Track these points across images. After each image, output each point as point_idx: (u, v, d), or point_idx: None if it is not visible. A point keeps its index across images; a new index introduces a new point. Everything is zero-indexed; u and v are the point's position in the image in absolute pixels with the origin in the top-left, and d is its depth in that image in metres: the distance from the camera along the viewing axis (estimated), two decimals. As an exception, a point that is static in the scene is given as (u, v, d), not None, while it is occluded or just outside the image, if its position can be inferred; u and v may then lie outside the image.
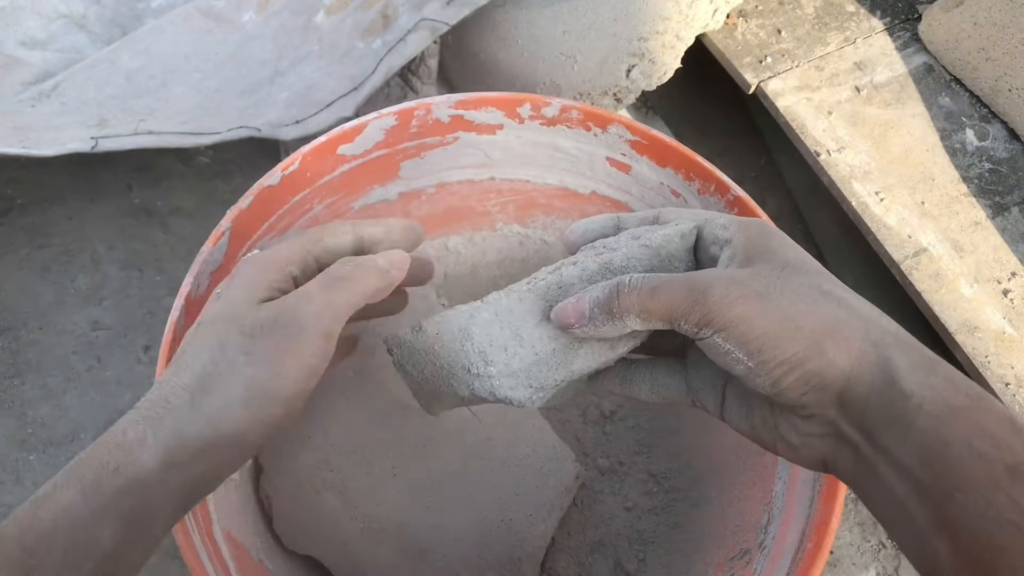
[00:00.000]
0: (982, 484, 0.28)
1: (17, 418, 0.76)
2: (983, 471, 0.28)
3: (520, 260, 0.72)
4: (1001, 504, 0.27)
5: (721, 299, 0.32)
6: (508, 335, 0.37)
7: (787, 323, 0.31)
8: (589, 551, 0.62)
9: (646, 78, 0.81)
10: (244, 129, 0.71)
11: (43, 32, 0.84)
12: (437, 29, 0.72)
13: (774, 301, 0.32)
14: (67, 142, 0.69)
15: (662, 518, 0.63)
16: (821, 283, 0.33)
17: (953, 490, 0.28)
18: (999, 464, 0.28)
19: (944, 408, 0.29)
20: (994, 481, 0.28)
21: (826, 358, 0.31)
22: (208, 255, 0.52)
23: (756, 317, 0.32)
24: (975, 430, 0.29)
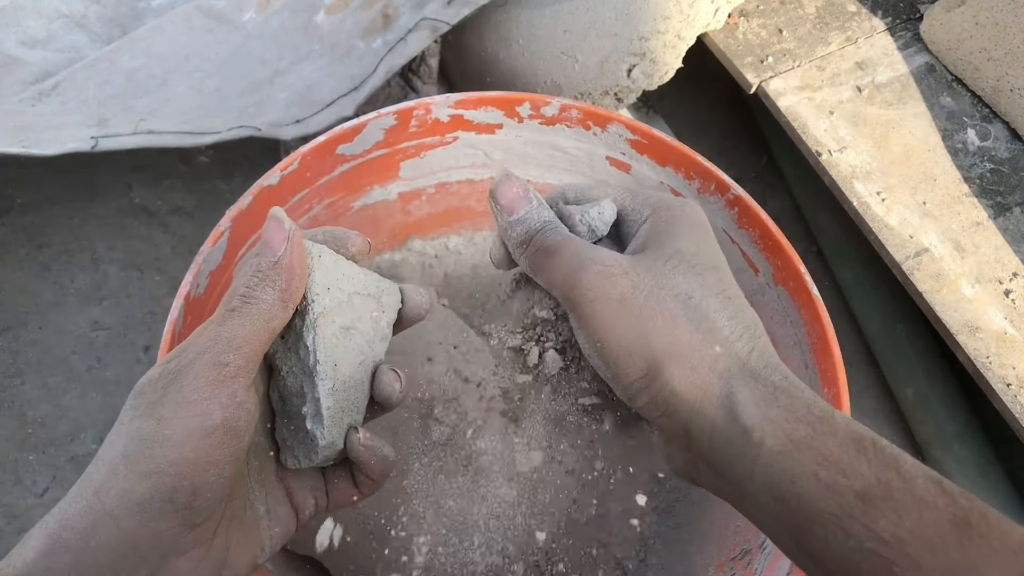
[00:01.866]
0: (836, 516, 0.27)
1: (17, 418, 0.76)
2: (835, 503, 0.27)
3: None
4: (858, 534, 0.27)
5: (588, 289, 0.32)
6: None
7: (640, 338, 0.31)
8: (589, 551, 0.62)
9: (647, 78, 0.81)
10: (244, 128, 0.71)
11: (43, 31, 0.84)
12: (438, 28, 0.72)
13: (636, 309, 0.31)
14: (67, 141, 0.69)
15: (663, 518, 0.63)
16: (694, 291, 0.32)
17: (809, 523, 0.28)
18: (848, 493, 0.27)
19: (786, 441, 0.29)
20: (847, 512, 0.27)
21: (671, 386, 0.30)
22: (208, 255, 0.52)
23: (613, 323, 0.31)
24: (819, 460, 0.28)
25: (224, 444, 0.31)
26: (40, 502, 0.72)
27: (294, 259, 0.34)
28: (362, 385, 0.38)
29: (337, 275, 0.37)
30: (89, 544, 0.30)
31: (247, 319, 0.33)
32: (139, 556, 0.31)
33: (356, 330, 0.38)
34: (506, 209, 0.36)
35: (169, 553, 0.31)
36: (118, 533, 0.30)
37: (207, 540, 0.33)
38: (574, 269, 0.32)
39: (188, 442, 0.31)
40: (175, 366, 0.32)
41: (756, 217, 0.56)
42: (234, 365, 0.32)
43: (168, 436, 0.30)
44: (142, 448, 0.30)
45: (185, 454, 0.30)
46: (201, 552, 0.32)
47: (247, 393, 0.33)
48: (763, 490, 0.29)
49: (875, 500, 0.27)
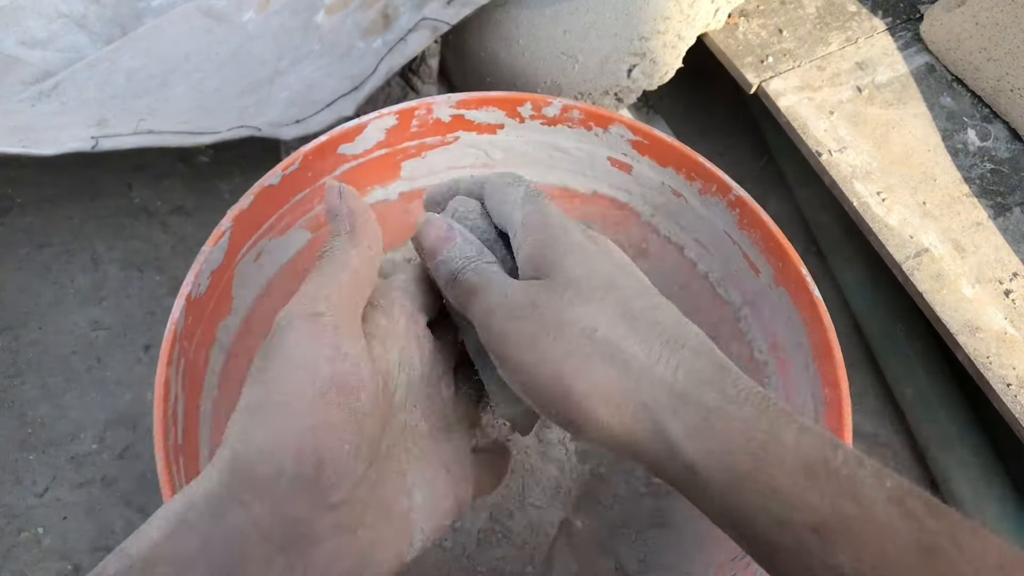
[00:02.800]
0: (794, 552, 0.26)
1: (17, 418, 0.76)
2: (790, 538, 0.26)
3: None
4: (819, 569, 0.25)
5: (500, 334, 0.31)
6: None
7: (559, 383, 0.29)
8: (589, 552, 0.62)
9: (647, 78, 0.81)
10: (244, 128, 0.71)
11: (43, 31, 0.83)
12: (438, 28, 0.72)
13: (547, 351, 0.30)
14: (67, 141, 0.69)
15: (663, 519, 0.63)
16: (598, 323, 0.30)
17: (772, 552, 0.27)
18: (802, 528, 0.26)
19: (731, 476, 0.27)
20: (804, 548, 0.26)
21: (601, 427, 0.29)
22: (209, 255, 0.52)
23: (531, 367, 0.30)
24: (767, 493, 0.26)
25: (340, 404, 0.29)
26: (40, 502, 0.72)
27: (352, 206, 0.34)
28: None
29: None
30: (217, 528, 0.27)
31: (325, 268, 0.32)
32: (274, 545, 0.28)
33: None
34: (429, 252, 0.36)
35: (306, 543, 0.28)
36: (248, 519, 0.27)
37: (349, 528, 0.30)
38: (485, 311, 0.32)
39: (301, 404, 0.28)
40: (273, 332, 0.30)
41: (757, 218, 0.56)
42: (328, 315, 0.30)
43: (279, 402, 0.28)
44: (256, 421, 0.28)
45: (302, 419, 0.28)
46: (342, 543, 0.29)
47: (354, 345, 0.30)
48: (722, 521, 0.28)
49: (832, 534, 0.25)
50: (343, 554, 0.29)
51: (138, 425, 0.75)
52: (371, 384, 0.30)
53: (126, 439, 0.75)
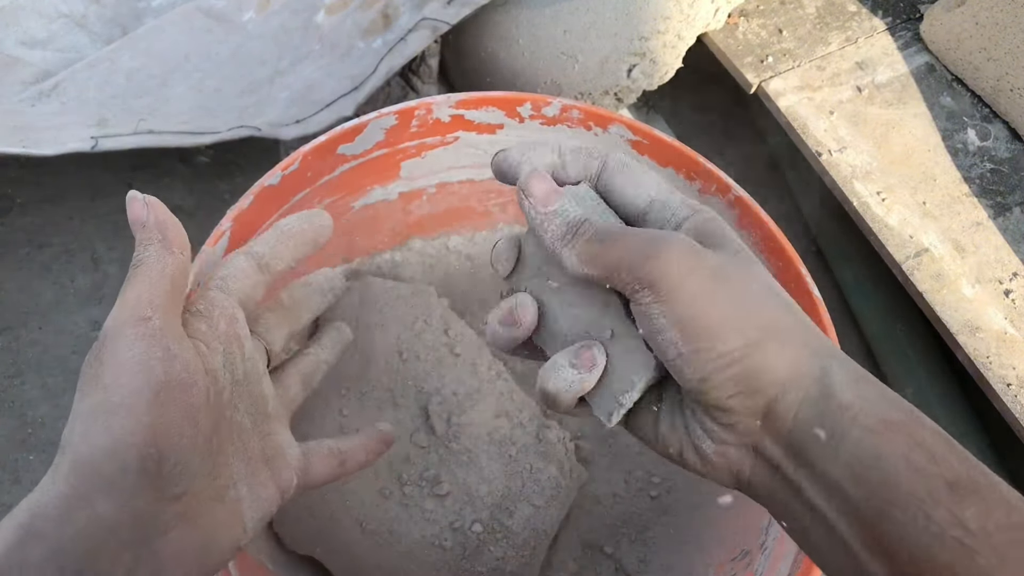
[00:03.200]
0: (921, 500, 0.26)
1: (17, 418, 0.76)
2: (922, 486, 0.27)
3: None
4: (942, 520, 0.26)
5: (676, 263, 0.30)
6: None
7: (736, 313, 0.30)
8: (589, 552, 0.62)
9: (647, 78, 0.81)
10: (244, 128, 0.71)
11: (43, 31, 0.84)
12: (438, 28, 0.72)
13: (729, 285, 0.30)
14: (67, 141, 0.69)
15: (663, 519, 0.63)
16: (771, 282, 0.32)
17: (889, 506, 0.27)
18: (938, 479, 0.27)
19: (879, 421, 0.28)
20: (933, 496, 0.26)
21: (767, 360, 0.29)
22: (209, 255, 0.52)
23: (706, 298, 0.29)
24: (912, 444, 0.28)
25: (175, 401, 0.31)
26: (40, 502, 0.72)
27: (160, 216, 0.36)
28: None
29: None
30: (64, 532, 0.29)
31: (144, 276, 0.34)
32: (119, 541, 0.30)
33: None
34: (540, 200, 0.34)
35: (152, 535, 0.30)
36: (94, 517, 0.29)
37: (190, 518, 0.32)
38: (654, 246, 0.30)
39: (139, 404, 0.30)
40: (102, 338, 0.32)
41: (757, 218, 0.56)
42: (156, 319, 0.32)
43: (118, 403, 0.30)
44: (99, 423, 0.30)
45: (140, 418, 0.30)
46: (184, 532, 0.32)
47: (183, 347, 0.33)
48: (843, 470, 0.28)
49: (964, 491, 0.26)
50: (187, 543, 0.32)
51: (138, 425, 0.75)
52: (202, 382, 0.33)
53: (126, 439, 0.75)
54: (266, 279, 0.41)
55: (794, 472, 0.30)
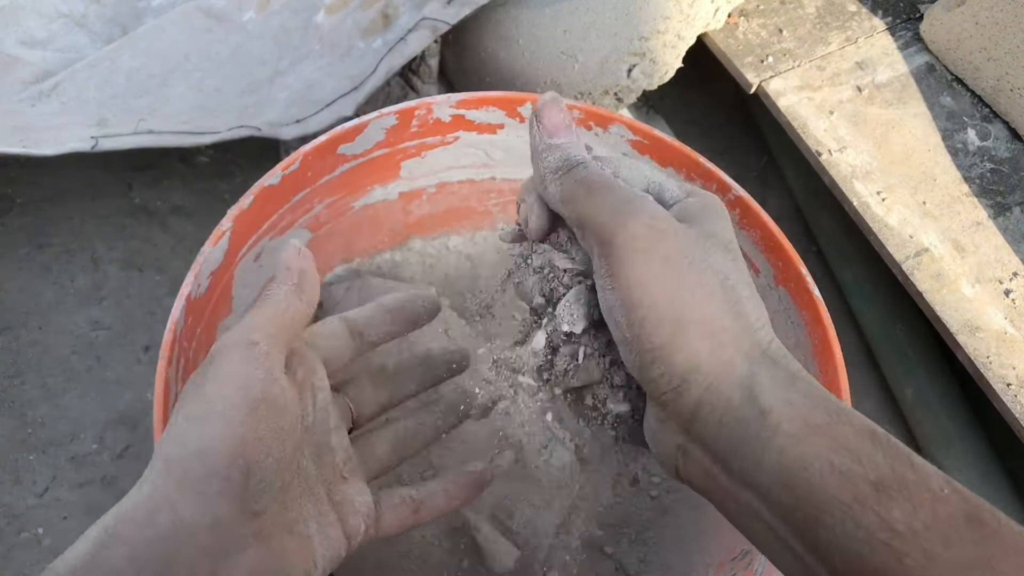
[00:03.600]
0: (847, 504, 0.26)
1: (17, 418, 0.76)
2: (847, 490, 0.26)
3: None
4: (870, 524, 0.26)
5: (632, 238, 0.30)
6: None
7: (676, 304, 0.29)
8: (589, 552, 0.62)
9: (647, 77, 0.81)
10: (244, 128, 0.71)
11: (43, 31, 0.83)
12: (438, 28, 0.72)
13: (678, 274, 0.30)
14: (67, 141, 0.69)
15: (663, 519, 0.63)
16: (729, 273, 0.31)
17: (819, 512, 0.27)
18: (862, 481, 0.26)
19: (802, 426, 0.28)
20: (859, 500, 0.26)
21: (694, 359, 0.29)
22: (209, 255, 0.52)
23: (651, 284, 0.30)
24: (835, 447, 0.27)
25: (268, 419, 0.32)
26: (40, 502, 0.72)
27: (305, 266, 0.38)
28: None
29: None
30: (145, 535, 0.29)
31: (267, 308, 0.36)
32: (199, 548, 0.30)
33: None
34: (547, 130, 0.34)
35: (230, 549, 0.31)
36: (177, 521, 0.29)
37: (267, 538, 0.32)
38: (620, 212, 0.30)
39: (235, 416, 0.31)
40: (211, 356, 0.33)
41: (757, 218, 0.56)
42: (263, 344, 0.34)
43: (217, 412, 0.31)
44: (194, 429, 0.31)
45: (235, 428, 0.31)
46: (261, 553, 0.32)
47: (281, 374, 0.34)
48: (771, 477, 0.28)
49: (889, 491, 0.26)
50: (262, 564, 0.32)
51: (138, 425, 0.75)
52: (293, 409, 0.34)
53: (126, 439, 0.75)
54: (357, 344, 0.43)
55: (726, 480, 0.30)
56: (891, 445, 0.28)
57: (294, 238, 0.40)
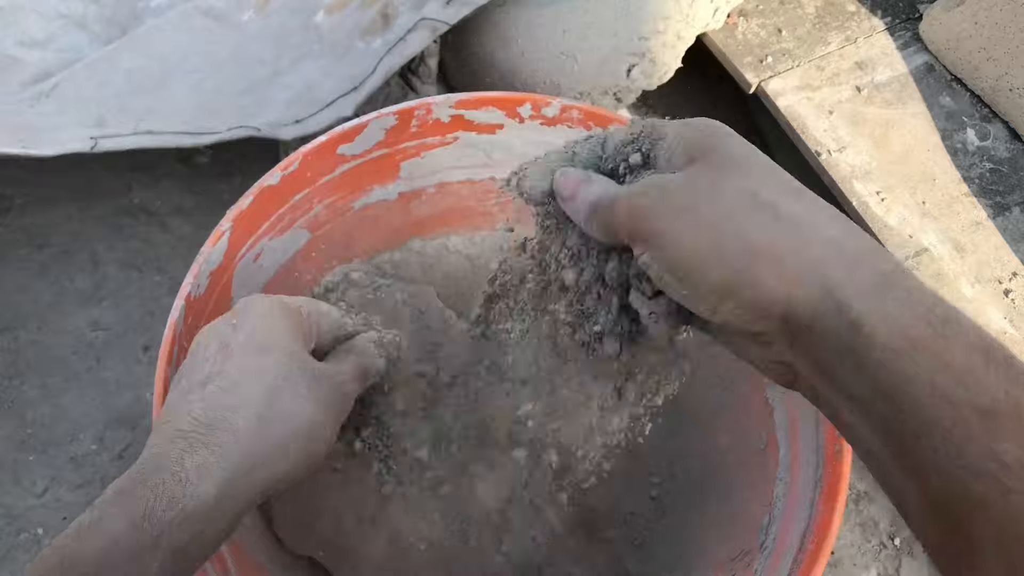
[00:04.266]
0: (949, 430, 0.24)
1: (16, 418, 0.76)
2: (949, 415, 0.24)
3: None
4: (973, 453, 0.23)
5: (649, 210, 0.30)
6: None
7: (714, 244, 0.28)
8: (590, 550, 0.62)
9: (647, 78, 0.81)
10: (243, 129, 0.71)
11: (42, 32, 0.83)
12: (437, 29, 0.72)
13: (702, 215, 0.28)
14: (66, 142, 0.68)
15: (663, 519, 0.63)
16: (760, 189, 0.29)
17: (918, 432, 0.25)
18: (967, 407, 0.24)
19: (901, 340, 0.25)
20: (963, 427, 0.24)
21: (758, 285, 0.27)
22: (209, 255, 0.52)
23: (681, 234, 0.28)
24: (938, 366, 0.24)
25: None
26: (39, 502, 0.72)
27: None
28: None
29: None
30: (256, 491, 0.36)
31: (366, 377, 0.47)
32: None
33: None
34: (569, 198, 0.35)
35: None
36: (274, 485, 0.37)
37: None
38: (628, 204, 0.31)
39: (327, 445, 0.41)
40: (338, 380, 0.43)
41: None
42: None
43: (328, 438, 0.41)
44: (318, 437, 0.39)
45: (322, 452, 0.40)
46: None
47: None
48: (870, 391, 0.26)
49: (1000, 418, 0.23)
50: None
51: (137, 425, 0.75)
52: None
53: (125, 439, 0.75)
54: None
55: (827, 390, 0.28)
56: (1011, 365, 0.25)
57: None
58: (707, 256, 0.28)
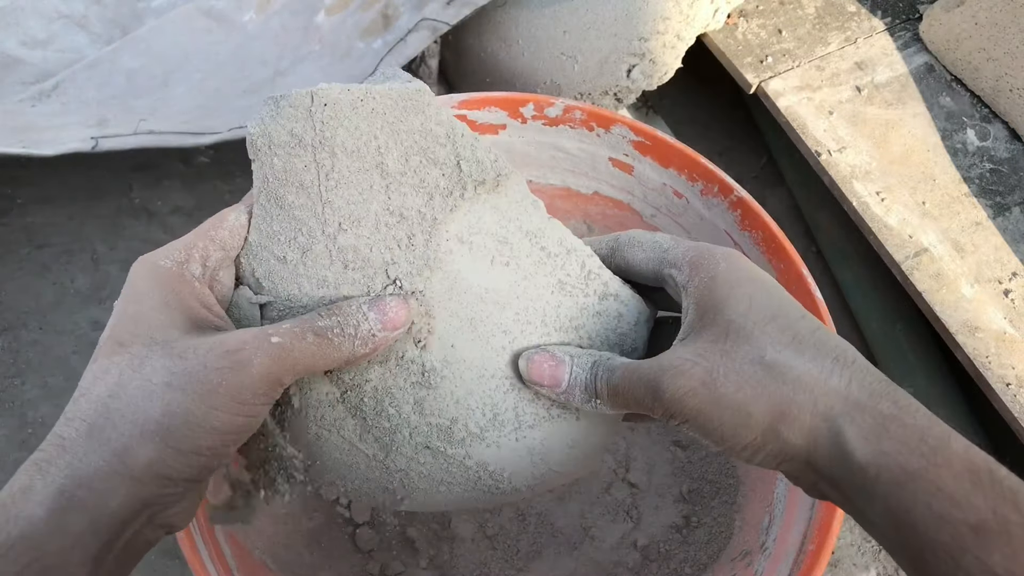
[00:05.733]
0: (947, 547, 0.28)
1: (17, 418, 0.75)
2: (947, 533, 0.28)
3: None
4: (970, 566, 0.27)
5: (672, 394, 0.33)
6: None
7: (738, 413, 0.32)
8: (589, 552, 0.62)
9: (647, 78, 0.81)
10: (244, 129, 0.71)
11: (44, 32, 0.83)
12: (438, 29, 0.72)
13: (720, 389, 0.32)
14: (67, 142, 0.69)
15: (663, 520, 0.63)
16: (766, 350, 0.33)
17: (923, 551, 0.29)
18: (962, 525, 0.28)
19: (900, 473, 0.29)
20: (959, 543, 0.28)
21: (782, 440, 0.31)
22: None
23: (708, 410, 0.32)
24: (932, 491, 0.28)
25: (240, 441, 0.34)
26: (41, 502, 0.72)
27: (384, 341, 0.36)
28: None
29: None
30: (108, 505, 0.30)
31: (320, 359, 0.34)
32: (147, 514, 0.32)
33: None
34: (553, 385, 0.37)
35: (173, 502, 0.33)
36: (137, 496, 0.31)
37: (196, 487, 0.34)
38: (651, 387, 0.33)
39: (230, 435, 0.33)
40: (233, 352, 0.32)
41: (759, 219, 0.56)
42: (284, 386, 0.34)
43: (216, 427, 0.32)
44: (187, 430, 0.31)
45: (225, 444, 0.33)
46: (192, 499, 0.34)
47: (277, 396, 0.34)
48: (881, 519, 0.30)
49: (990, 534, 0.27)
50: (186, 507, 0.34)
51: (139, 425, 0.75)
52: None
53: (127, 439, 0.75)
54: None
55: (852, 514, 0.32)
56: (995, 483, 0.28)
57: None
58: (734, 424, 0.32)
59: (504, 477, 0.39)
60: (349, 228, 0.36)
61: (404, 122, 0.36)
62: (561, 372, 0.36)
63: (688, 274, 0.36)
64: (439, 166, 0.36)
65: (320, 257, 0.36)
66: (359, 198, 0.36)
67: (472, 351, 0.37)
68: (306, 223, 0.36)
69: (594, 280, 0.39)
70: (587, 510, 0.63)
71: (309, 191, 0.36)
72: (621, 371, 0.35)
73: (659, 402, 0.33)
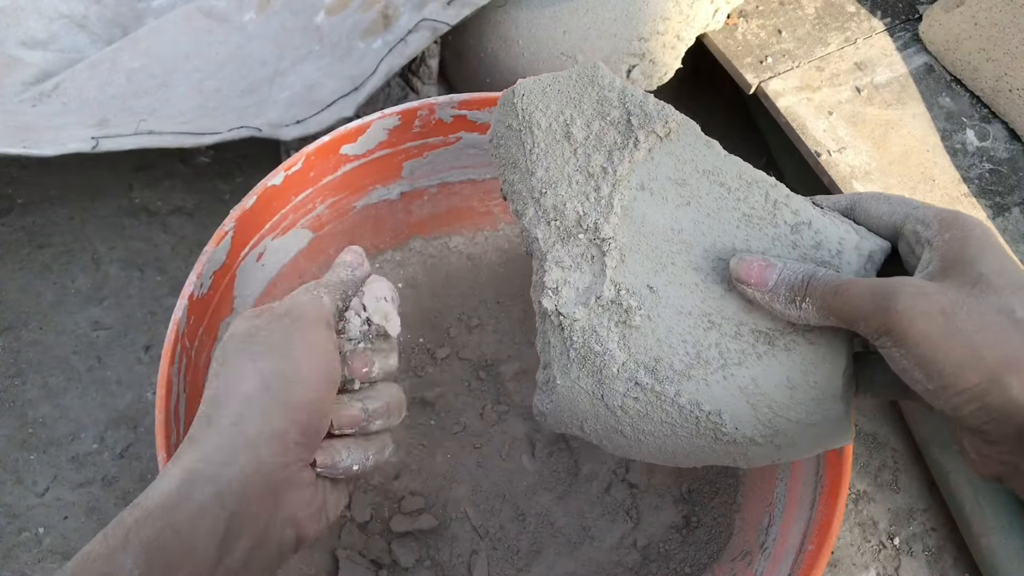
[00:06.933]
0: None
1: (17, 418, 0.76)
2: None
3: (522, 259, 0.73)
4: None
5: (905, 310, 0.32)
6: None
7: (970, 351, 0.31)
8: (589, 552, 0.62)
9: (646, 78, 0.81)
10: (245, 129, 0.71)
11: (44, 32, 0.84)
12: (438, 29, 0.73)
13: (960, 324, 0.31)
14: (68, 142, 0.69)
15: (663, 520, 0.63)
16: (1015, 306, 0.32)
17: None
18: None
19: None
20: None
21: (1008, 394, 0.30)
22: (212, 255, 0.52)
23: (939, 338, 0.31)
24: None
25: (332, 393, 0.38)
26: (40, 502, 0.72)
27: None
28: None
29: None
30: (226, 474, 0.34)
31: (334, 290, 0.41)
32: (270, 486, 0.35)
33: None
34: (759, 284, 0.37)
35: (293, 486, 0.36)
36: (256, 462, 0.34)
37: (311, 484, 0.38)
38: (883, 295, 0.33)
39: (318, 385, 0.37)
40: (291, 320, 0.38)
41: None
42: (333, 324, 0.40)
43: (305, 377, 0.36)
44: (283, 385, 0.36)
45: (317, 394, 0.37)
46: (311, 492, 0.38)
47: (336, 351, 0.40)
48: None
49: None
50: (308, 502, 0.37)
51: (139, 425, 0.75)
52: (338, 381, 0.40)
53: (127, 439, 0.75)
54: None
55: None
56: None
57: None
58: (962, 362, 0.31)
59: (724, 420, 0.40)
60: (548, 190, 0.42)
61: (584, 95, 0.42)
62: (770, 272, 0.37)
63: (937, 230, 0.35)
64: (615, 126, 0.41)
65: (532, 219, 0.43)
66: (554, 164, 0.42)
67: (667, 291, 0.41)
68: (520, 194, 0.43)
69: (782, 210, 0.40)
70: (587, 510, 0.63)
71: (520, 167, 0.43)
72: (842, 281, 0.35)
73: (886, 315, 0.32)
